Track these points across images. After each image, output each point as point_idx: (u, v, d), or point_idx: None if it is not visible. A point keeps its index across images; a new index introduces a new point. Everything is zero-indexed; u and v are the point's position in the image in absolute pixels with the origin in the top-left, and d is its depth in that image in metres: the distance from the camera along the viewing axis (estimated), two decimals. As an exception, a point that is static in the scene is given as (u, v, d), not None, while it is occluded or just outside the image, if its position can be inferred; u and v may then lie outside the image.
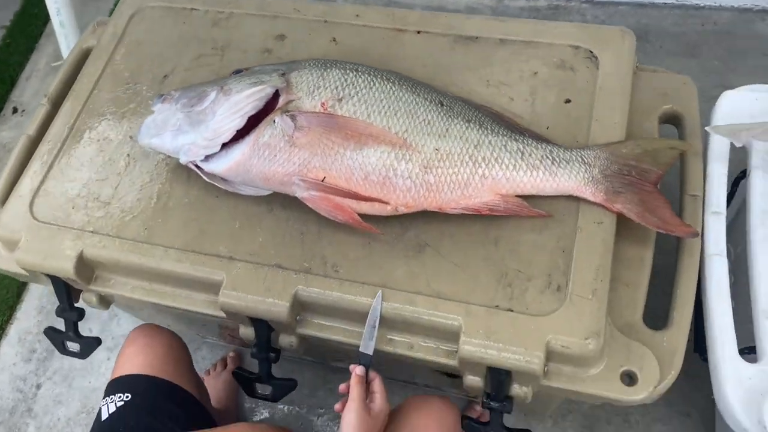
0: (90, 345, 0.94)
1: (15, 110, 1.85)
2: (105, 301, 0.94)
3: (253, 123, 0.82)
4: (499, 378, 0.78)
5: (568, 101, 0.89)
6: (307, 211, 0.85)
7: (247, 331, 0.88)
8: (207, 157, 0.83)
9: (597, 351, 0.74)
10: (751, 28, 1.57)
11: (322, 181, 0.79)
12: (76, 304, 0.93)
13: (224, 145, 0.81)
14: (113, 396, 0.87)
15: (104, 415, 0.86)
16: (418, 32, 0.99)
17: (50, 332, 0.94)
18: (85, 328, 1.38)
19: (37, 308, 1.50)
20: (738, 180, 0.96)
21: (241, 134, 0.81)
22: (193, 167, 0.85)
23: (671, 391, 1.20)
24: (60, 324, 0.94)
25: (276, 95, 0.82)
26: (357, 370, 0.77)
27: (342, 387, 0.79)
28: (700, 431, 1.18)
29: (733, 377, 0.77)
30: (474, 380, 0.81)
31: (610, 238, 0.79)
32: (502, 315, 0.76)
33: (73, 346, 0.94)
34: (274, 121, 0.80)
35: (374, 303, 0.78)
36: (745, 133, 0.83)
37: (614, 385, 0.76)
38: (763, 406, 0.73)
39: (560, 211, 0.81)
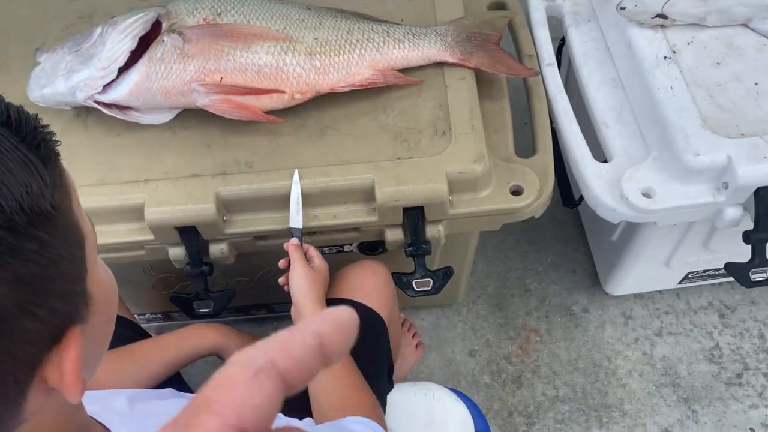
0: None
1: None
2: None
3: (142, 50, 0.88)
4: (414, 221, 0.89)
5: (412, -2, 1.05)
6: (209, 124, 0.92)
7: (176, 252, 0.92)
8: (105, 88, 0.87)
9: (486, 171, 0.88)
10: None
11: (220, 81, 0.87)
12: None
13: (120, 72, 0.86)
14: None
15: None
16: (271, -29, 1.10)
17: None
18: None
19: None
20: (561, 47, 1.16)
21: (133, 59, 0.87)
22: (92, 103, 0.89)
23: (557, 256, 1.39)
24: None
25: (158, 24, 0.89)
26: (292, 241, 0.85)
27: (281, 262, 0.86)
28: (586, 281, 1.37)
29: (594, 176, 0.94)
30: (395, 234, 0.92)
31: (473, 87, 0.94)
32: (405, 163, 0.88)
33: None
34: (163, 40, 0.87)
35: (293, 180, 0.86)
36: (553, -10, 1.03)
37: (506, 198, 0.90)
38: (620, 185, 0.90)
39: (430, 76, 0.96)
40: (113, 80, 0.87)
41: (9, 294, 0.31)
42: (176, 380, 0.94)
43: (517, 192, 0.91)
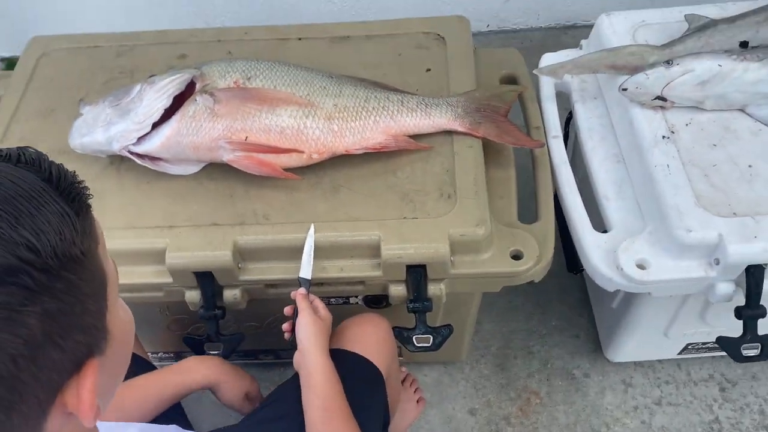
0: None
1: None
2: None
3: (176, 107, 0.96)
4: (416, 279, 0.94)
5: (428, 70, 1.13)
6: (233, 177, 0.99)
7: (192, 294, 0.98)
8: (139, 140, 0.95)
9: (487, 235, 0.93)
10: (558, 41, 1.95)
11: (245, 140, 0.94)
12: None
13: (154, 126, 0.94)
14: None
15: None
16: (299, 39, 1.19)
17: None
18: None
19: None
20: (568, 120, 1.23)
21: (167, 115, 0.95)
22: (126, 153, 0.96)
23: (561, 320, 1.42)
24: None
25: (192, 84, 0.98)
26: (300, 290, 0.90)
27: (287, 309, 0.91)
28: (589, 345, 1.39)
29: (592, 246, 0.98)
30: (398, 289, 0.96)
31: (480, 156, 1.01)
32: (410, 222, 0.94)
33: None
34: (196, 100, 0.95)
35: (309, 233, 0.92)
36: (560, 69, 1.10)
37: (506, 261, 0.95)
38: (617, 256, 0.94)
39: (439, 143, 1.02)
40: (147, 133, 0.95)
41: (38, 326, 0.36)
42: (181, 417, 0.98)
43: (517, 257, 0.96)
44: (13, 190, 0.37)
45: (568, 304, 1.45)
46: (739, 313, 0.92)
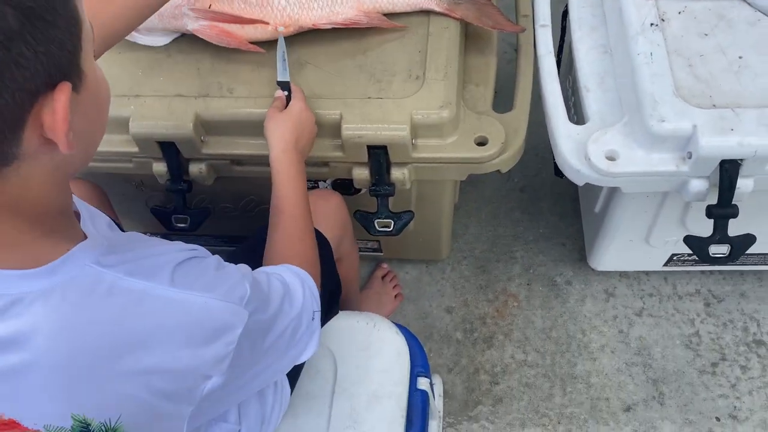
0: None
1: None
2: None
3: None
4: (378, 160, 0.93)
5: (414, -52, 1.07)
6: (201, 51, 0.98)
7: (159, 167, 0.98)
8: (105, 5, 0.94)
9: (451, 118, 0.90)
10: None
11: (209, 8, 0.92)
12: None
13: (119, -9, 0.93)
14: None
15: None
16: None
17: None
18: None
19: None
20: (565, 14, 1.16)
21: (133, -19, 0.93)
22: (94, 19, 0.95)
23: (549, 228, 1.40)
24: None
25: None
26: (277, 92, 0.89)
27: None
28: (574, 254, 1.37)
29: (564, 136, 0.94)
30: (360, 173, 0.95)
31: (456, 37, 0.96)
32: (373, 102, 0.91)
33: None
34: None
35: (279, 40, 0.91)
36: (552, -49, 1.03)
37: (470, 147, 0.92)
38: (586, 147, 0.90)
39: (414, 23, 0.98)
40: None
41: (14, 15, 0.40)
42: None
43: (481, 143, 0.93)
44: None
45: (558, 213, 1.42)
46: (709, 211, 0.88)
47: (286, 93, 0.89)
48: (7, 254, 0.47)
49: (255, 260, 0.73)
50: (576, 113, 1.09)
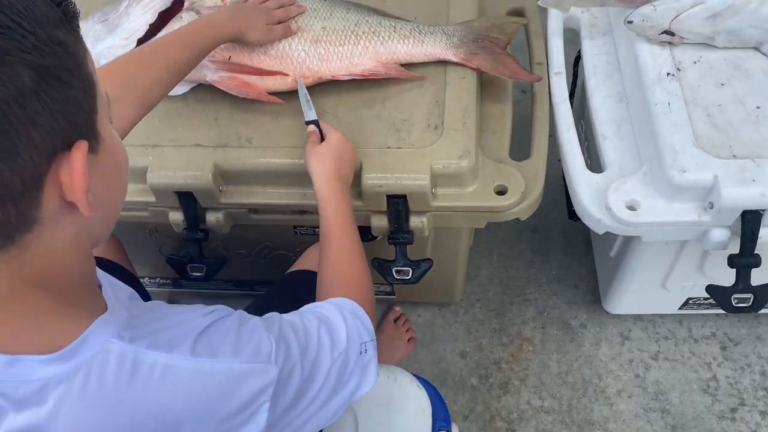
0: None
1: None
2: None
3: (162, 25, 0.95)
4: (397, 209, 0.92)
5: (428, -2, 1.08)
6: (219, 100, 0.98)
7: (176, 216, 0.98)
8: (125, 57, 0.94)
9: (470, 167, 0.90)
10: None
11: (228, 60, 0.92)
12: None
13: (140, 43, 0.93)
14: None
15: None
16: (301, -36, 1.16)
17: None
18: None
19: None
20: (576, 61, 1.17)
21: (153, 32, 0.94)
22: (113, 70, 0.96)
23: (561, 270, 1.39)
24: None
25: (180, 2, 0.96)
26: (309, 128, 0.89)
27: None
28: (588, 297, 1.36)
29: (583, 184, 0.94)
30: (379, 221, 0.95)
31: (473, 87, 0.97)
32: (393, 152, 0.92)
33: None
34: (182, 17, 0.93)
35: (299, 83, 0.93)
36: (566, 1, 1.04)
37: (489, 197, 0.92)
38: (606, 196, 0.90)
39: (432, 73, 0.99)
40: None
41: (29, 76, 0.40)
42: None
43: (501, 192, 0.93)
44: None
45: (571, 254, 1.41)
46: (731, 261, 0.88)
47: (315, 126, 0.89)
48: (30, 335, 0.46)
49: (280, 308, 0.72)
50: (590, 159, 1.10)
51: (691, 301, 1.21)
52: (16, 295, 0.45)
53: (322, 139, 0.87)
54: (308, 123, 0.91)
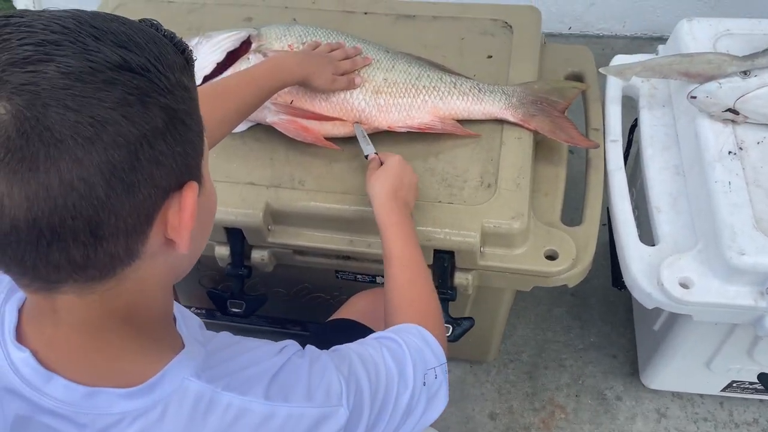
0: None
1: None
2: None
3: (229, 65, 0.97)
4: (443, 264, 0.91)
5: (490, 57, 1.09)
6: (276, 141, 0.99)
7: (221, 250, 0.98)
8: (190, 92, 0.96)
9: (522, 229, 0.89)
10: (641, 51, 1.86)
11: (290, 103, 0.94)
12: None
13: (206, 79, 0.96)
14: None
15: None
16: (365, 13, 1.18)
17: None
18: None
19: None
20: (632, 128, 1.16)
21: (220, 71, 0.96)
22: (177, 103, 0.98)
23: (600, 337, 1.36)
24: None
25: (249, 42, 0.99)
26: (370, 155, 0.91)
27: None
28: (625, 368, 1.32)
29: (635, 257, 0.93)
30: (423, 274, 0.94)
31: (529, 148, 0.97)
32: (444, 207, 0.91)
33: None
34: (249, 58, 0.95)
35: (355, 126, 0.95)
36: (628, 70, 1.04)
37: (539, 261, 0.91)
38: (659, 271, 0.88)
39: (488, 131, 0.99)
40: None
41: (161, 116, 0.42)
42: None
43: (551, 257, 0.91)
44: (139, 28, 0.45)
45: (611, 323, 1.38)
46: (787, 350, 0.85)
47: (377, 156, 0.90)
48: (112, 368, 0.47)
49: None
50: (641, 229, 1.08)
51: (735, 384, 1.17)
52: (103, 327, 0.47)
53: None
54: (367, 157, 0.92)
